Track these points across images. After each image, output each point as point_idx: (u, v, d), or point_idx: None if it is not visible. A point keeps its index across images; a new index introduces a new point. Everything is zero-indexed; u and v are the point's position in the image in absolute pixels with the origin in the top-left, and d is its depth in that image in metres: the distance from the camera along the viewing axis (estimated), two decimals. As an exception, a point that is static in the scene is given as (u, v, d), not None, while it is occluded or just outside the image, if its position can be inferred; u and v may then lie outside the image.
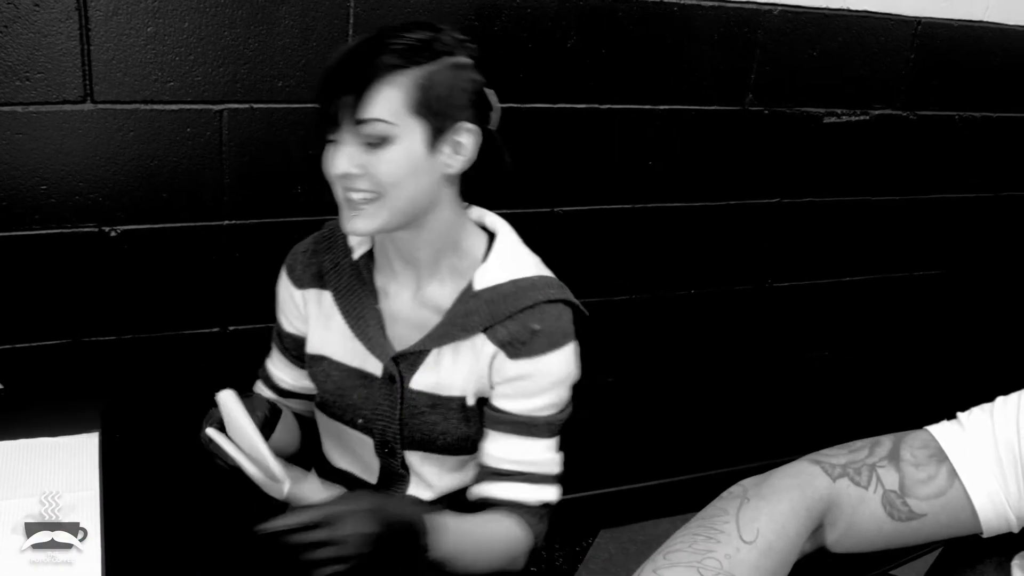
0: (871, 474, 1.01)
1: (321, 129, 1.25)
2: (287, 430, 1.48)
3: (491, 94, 1.34)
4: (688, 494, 2.71)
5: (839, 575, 1.11)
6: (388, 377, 1.39)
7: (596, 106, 2.14)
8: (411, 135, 1.22)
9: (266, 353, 1.58)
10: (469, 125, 1.28)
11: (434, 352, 1.37)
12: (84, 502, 1.29)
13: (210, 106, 1.80)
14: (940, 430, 1.03)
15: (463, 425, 1.39)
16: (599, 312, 2.38)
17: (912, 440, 1.03)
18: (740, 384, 2.72)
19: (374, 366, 1.40)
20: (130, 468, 1.76)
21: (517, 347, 1.33)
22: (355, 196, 1.24)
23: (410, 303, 1.39)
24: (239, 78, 1.80)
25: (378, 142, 1.21)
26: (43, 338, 1.84)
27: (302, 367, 1.51)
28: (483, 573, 1.34)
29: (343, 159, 1.22)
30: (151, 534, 1.99)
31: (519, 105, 2.05)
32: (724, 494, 1.02)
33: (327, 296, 1.43)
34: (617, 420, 2.59)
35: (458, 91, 1.26)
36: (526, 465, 1.37)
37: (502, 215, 1.47)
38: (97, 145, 1.75)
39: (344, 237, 1.44)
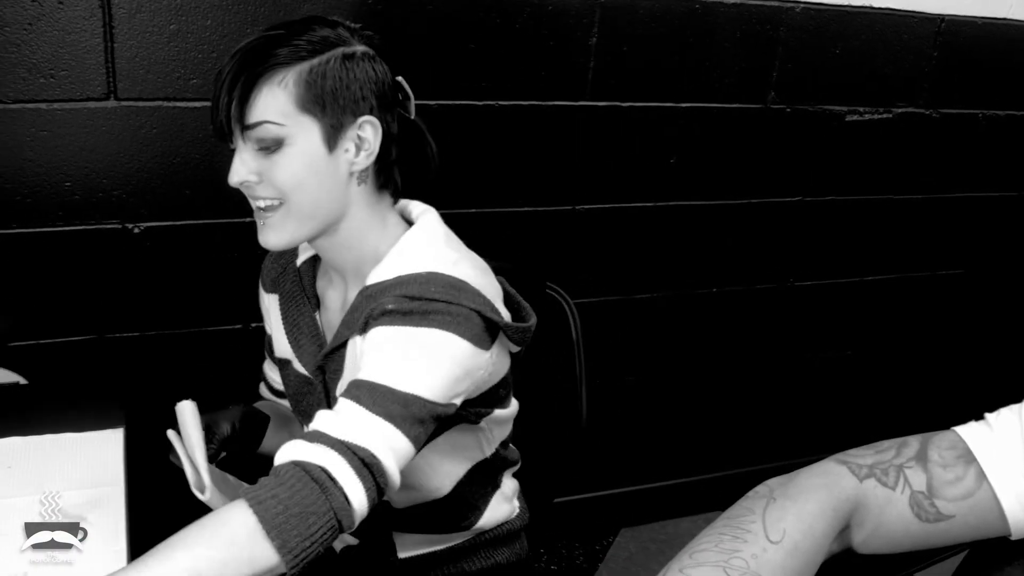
0: (898, 475, 1.00)
1: (217, 139, 1.20)
2: (281, 433, 1.47)
3: (402, 82, 1.26)
4: (708, 493, 2.72)
5: (865, 576, 1.10)
6: (321, 382, 1.34)
7: (618, 104, 2.13)
8: (305, 134, 1.16)
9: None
10: (370, 118, 1.20)
11: (346, 360, 1.29)
12: (109, 497, 1.29)
13: (233, 103, 1.80)
14: (968, 431, 1.03)
15: None
16: (620, 310, 2.38)
17: (940, 441, 1.03)
18: (761, 383, 2.72)
19: (314, 374, 1.36)
20: (153, 463, 1.76)
21: (368, 324, 1.20)
22: (260, 204, 1.20)
23: (338, 312, 1.36)
24: (262, 75, 1.80)
25: (272, 146, 1.15)
26: (67, 334, 1.86)
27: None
28: None
29: (239, 167, 1.17)
30: (176, 527, 2.00)
31: (540, 103, 2.05)
32: (750, 493, 1.01)
33: (276, 301, 1.43)
34: (638, 419, 2.59)
35: (354, 83, 1.18)
36: (321, 422, 1.11)
37: (524, 213, 1.46)
38: (120, 142, 1.76)
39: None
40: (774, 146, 2.36)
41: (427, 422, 1.14)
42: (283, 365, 1.44)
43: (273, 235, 1.22)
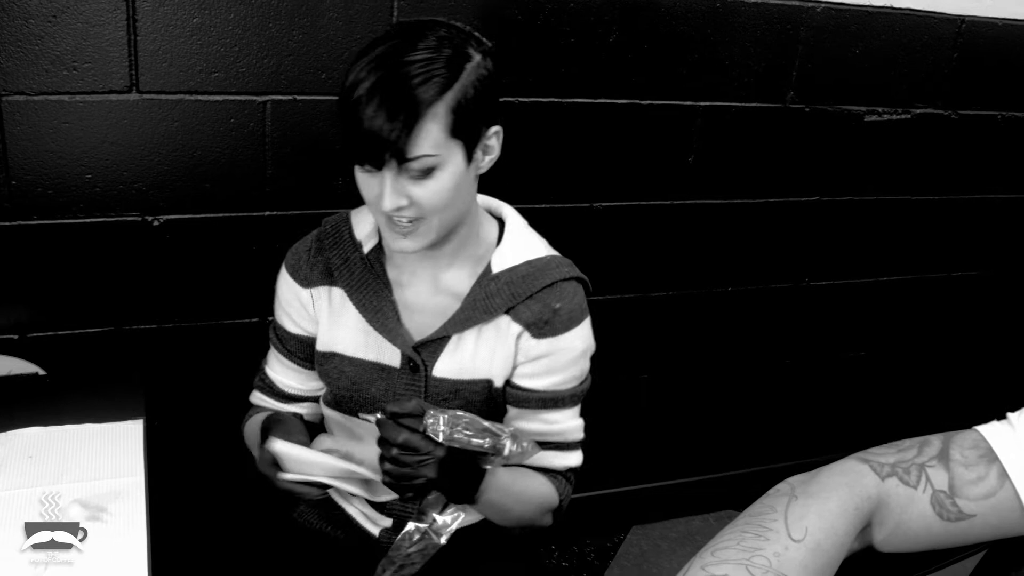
0: (920, 474, 1.00)
1: (356, 161, 1.23)
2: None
3: None
4: (721, 492, 2.73)
5: (887, 575, 1.10)
6: (410, 366, 1.39)
7: (637, 102, 2.13)
8: (454, 157, 1.23)
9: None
10: (498, 128, 1.30)
11: (454, 338, 1.38)
12: (130, 488, 1.30)
13: (254, 97, 1.81)
14: (990, 430, 1.03)
15: (485, 408, 1.40)
16: (636, 308, 2.38)
17: (962, 440, 1.03)
18: (775, 383, 2.71)
19: (391, 357, 1.40)
20: (172, 455, 1.78)
21: (541, 327, 1.36)
22: (404, 221, 1.25)
23: (427, 292, 1.41)
24: (283, 70, 1.81)
25: (424, 174, 1.21)
26: (86, 325, 1.87)
27: (308, 369, 1.51)
28: (513, 524, 1.43)
29: (391, 196, 1.22)
30: (195, 518, 2.01)
31: (560, 100, 2.05)
32: (771, 491, 1.02)
33: (337, 292, 1.43)
34: (651, 417, 2.59)
35: (487, 101, 1.25)
36: (553, 435, 1.42)
37: (543, 209, 1.49)
38: (142, 135, 1.77)
39: (350, 231, 1.44)
40: (792, 146, 2.36)
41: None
42: (326, 359, 1.45)
43: (411, 243, 1.29)
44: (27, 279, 1.80)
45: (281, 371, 1.54)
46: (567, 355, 1.39)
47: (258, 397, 1.58)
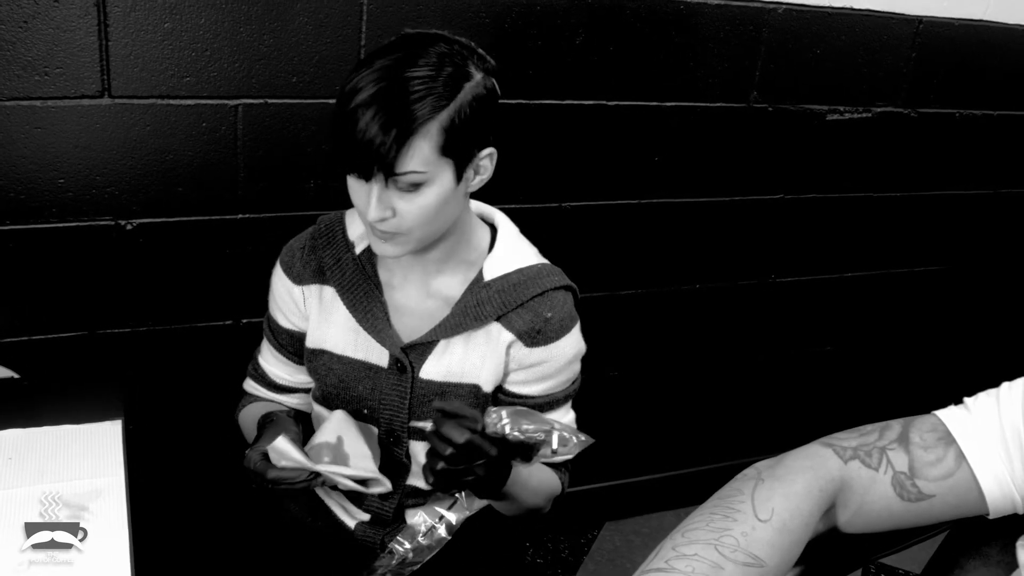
0: (881, 456, 1.04)
1: (345, 168, 1.25)
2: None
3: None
4: (692, 487, 2.74)
5: (850, 555, 1.14)
6: (397, 367, 1.41)
7: (603, 103, 2.16)
8: (442, 176, 1.23)
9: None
10: (492, 150, 1.31)
11: (443, 342, 1.40)
12: (110, 487, 1.31)
13: (225, 101, 1.82)
14: (948, 414, 1.06)
15: None
16: (605, 306, 2.41)
17: (921, 424, 1.06)
18: (743, 378, 2.75)
19: (379, 357, 1.42)
20: (150, 455, 1.79)
21: (534, 336, 1.39)
22: (387, 231, 1.26)
23: (417, 295, 1.42)
24: (254, 74, 1.82)
25: (412, 189, 1.22)
26: (60, 330, 1.87)
27: (298, 363, 1.53)
28: (519, 513, 1.47)
29: (376, 207, 1.23)
30: (176, 519, 2.02)
31: (527, 101, 2.08)
32: (739, 476, 1.05)
33: (328, 291, 1.45)
34: (622, 414, 2.62)
35: (483, 123, 1.26)
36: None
37: (512, 209, 1.50)
38: (114, 139, 1.77)
39: (343, 232, 1.45)
40: (756, 145, 2.40)
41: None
42: (315, 356, 1.47)
43: (393, 249, 1.31)
44: (0, 285, 1.80)
45: (272, 362, 1.56)
46: (559, 361, 1.42)
47: (251, 385, 1.60)
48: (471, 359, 1.40)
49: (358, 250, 1.44)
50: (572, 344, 1.43)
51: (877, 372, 2.98)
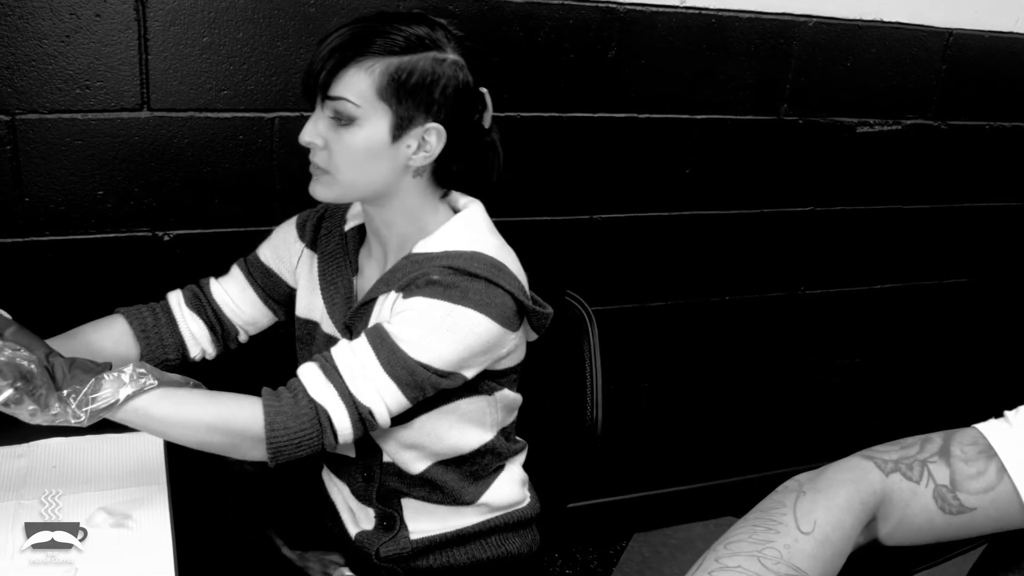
0: (923, 469, 1.04)
1: (303, 97, 1.32)
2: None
3: (485, 94, 1.37)
4: (721, 499, 2.75)
5: (891, 568, 1.14)
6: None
7: (635, 115, 2.17)
8: (376, 120, 1.27)
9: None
10: (437, 126, 1.30)
11: (372, 318, 1.37)
12: (153, 495, 1.33)
13: (262, 114, 1.85)
14: (988, 427, 1.06)
15: None
16: (635, 318, 2.41)
17: (962, 437, 1.06)
18: (772, 389, 2.75)
19: (339, 333, 1.44)
20: (194, 463, 1.80)
21: (411, 289, 1.31)
22: (317, 163, 1.31)
23: (374, 280, 1.43)
24: (290, 87, 1.84)
25: (344, 121, 1.27)
26: (98, 339, 1.89)
27: (252, 288, 1.57)
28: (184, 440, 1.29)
29: (310, 128, 1.30)
30: (217, 525, 2.03)
31: (560, 114, 2.09)
32: (780, 488, 1.05)
33: (316, 261, 1.50)
34: (651, 425, 2.62)
35: (435, 88, 1.28)
36: (345, 367, 1.28)
37: (543, 221, 1.50)
38: (152, 152, 1.80)
39: (345, 210, 1.51)
40: (786, 157, 2.40)
41: (427, 389, 1.31)
42: (304, 326, 1.51)
43: (320, 190, 1.34)
44: (40, 294, 1.82)
45: (222, 281, 1.60)
46: (418, 313, 1.29)
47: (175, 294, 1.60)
48: None
49: (347, 227, 1.49)
50: (444, 311, 1.28)
51: (906, 384, 2.97)
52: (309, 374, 1.29)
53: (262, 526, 1.63)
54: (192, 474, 1.45)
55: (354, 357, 1.29)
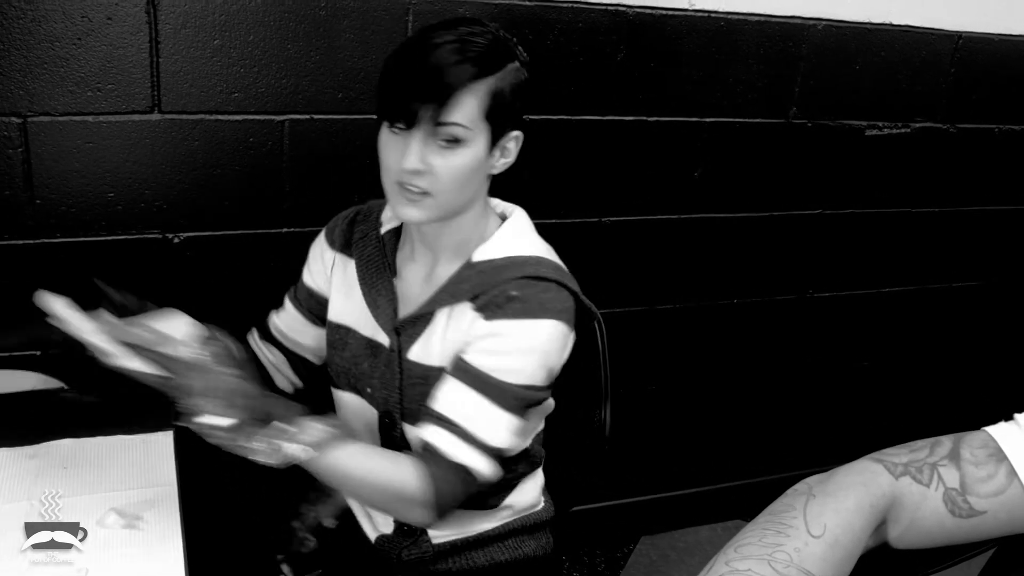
0: (932, 472, 1.04)
1: (388, 119, 1.27)
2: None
3: None
4: (728, 501, 2.75)
5: (901, 571, 1.14)
6: (394, 348, 1.42)
7: (644, 118, 2.18)
8: (479, 140, 1.27)
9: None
10: (519, 133, 1.34)
11: (430, 326, 1.39)
12: (164, 497, 1.33)
13: (272, 117, 1.85)
14: (998, 430, 1.06)
15: None
16: (643, 320, 2.41)
17: (971, 440, 1.06)
18: (780, 392, 2.75)
19: (383, 337, 1.43)
20: (204, 465, 1.80)
21: (492, 309, 1.32)
22: (411, 188, 1.28)
23: (420, 284, 1.43)
24: (301, 90, 1.85)
25: (452, 143, 1.25)
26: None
27: (304, 317, 1.58)
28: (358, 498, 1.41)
29: (415, 156, 1.25)
30: (228, 528, 2.03)
31: (569, 117, 2.10)
32: (789, 491, 1.05)
33: (352, 265, 1.48)
34: (658, 428, 2.62)
35: (520, 100, 1.31)
36: (465, 419, 1.30)
37: (552, 224, 1.51)
38: (163, 154, 1.81)
39: (378, 212, 1.50)
40: (795, 160, 2.40)
41: (535, 403, 1.37)
42: (335, 330, 1.50)
43: (416, 212, 1.31)
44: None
45: (281, 315, 1.62)
46: (510, 342, 1.31)
47: (253, 336, 1.66)
48: (447, 342, 1.38)
49: (383, 230, 1.48)
50: (532, 332, 1.31)
51: (915, 388, 2.96)
52: (439, 438, 1.30)
53: (281, 519, 1.64)
54: (203, 476, 1.46)
55: (464, 406, 1.31)
